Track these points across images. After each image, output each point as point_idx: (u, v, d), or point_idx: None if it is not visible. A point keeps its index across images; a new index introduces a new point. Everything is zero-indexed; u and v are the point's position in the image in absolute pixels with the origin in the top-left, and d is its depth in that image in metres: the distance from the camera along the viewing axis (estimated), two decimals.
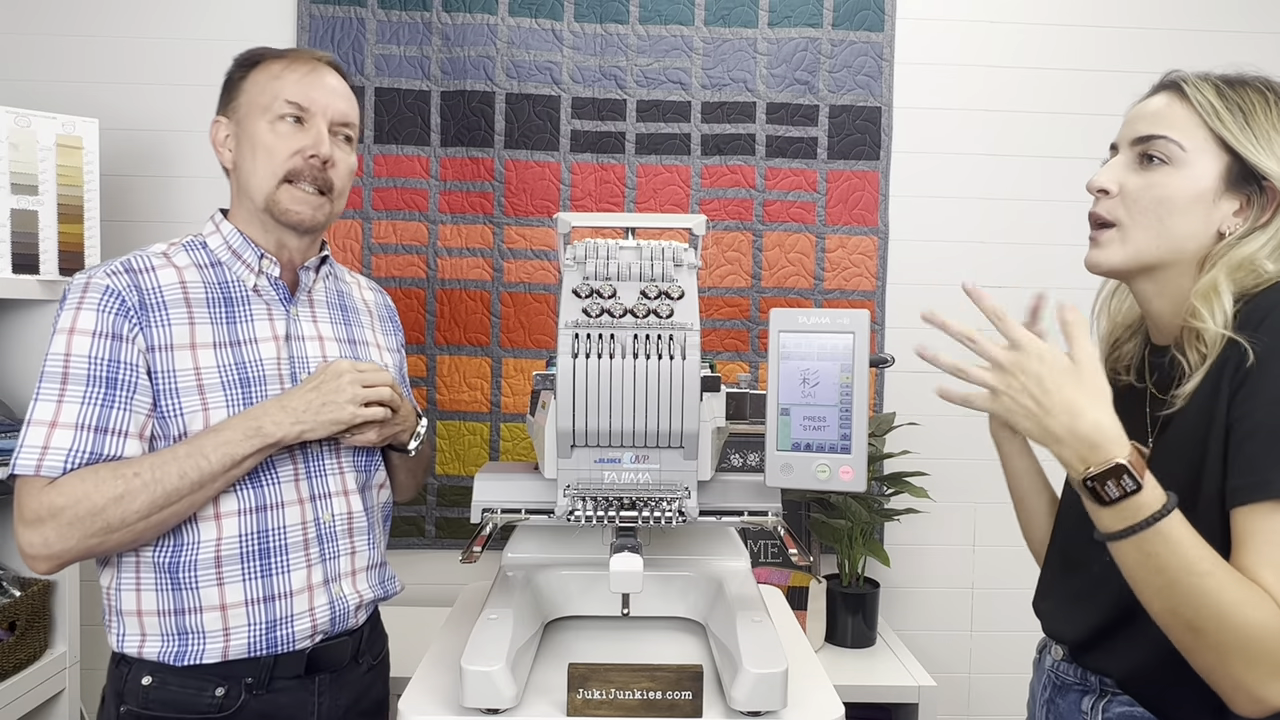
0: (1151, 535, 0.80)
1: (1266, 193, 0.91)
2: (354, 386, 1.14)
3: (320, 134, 1.20)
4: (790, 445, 1.04)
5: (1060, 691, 1.03)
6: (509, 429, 2.06)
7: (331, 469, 1.23)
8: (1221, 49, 2.09)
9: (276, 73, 1.21)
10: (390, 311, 1.45)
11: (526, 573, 1.24)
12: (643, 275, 1.10)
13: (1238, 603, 0.79)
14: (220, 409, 1.13)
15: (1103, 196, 0.97)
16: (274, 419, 1.10)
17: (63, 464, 1.06)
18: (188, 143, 2.01)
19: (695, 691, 0.96)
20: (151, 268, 1.17)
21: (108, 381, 1.09)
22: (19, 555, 1.72)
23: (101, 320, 1.10)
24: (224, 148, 1.24)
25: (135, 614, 1.15)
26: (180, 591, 1.13)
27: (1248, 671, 0.79)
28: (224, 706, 1.14)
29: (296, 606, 1.17)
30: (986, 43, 2.08)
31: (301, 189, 1.20)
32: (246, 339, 1.18)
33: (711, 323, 2.06)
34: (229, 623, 1.14)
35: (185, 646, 1.13)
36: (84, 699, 1.83)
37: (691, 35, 2.03)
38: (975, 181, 2.09)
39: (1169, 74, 0.98)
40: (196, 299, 1.17)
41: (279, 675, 1.17)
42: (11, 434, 1.60)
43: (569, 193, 2.04)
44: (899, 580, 2.12)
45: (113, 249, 1.95)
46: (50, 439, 1.06)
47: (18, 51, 1.99)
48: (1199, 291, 0.90)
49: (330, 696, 1.22)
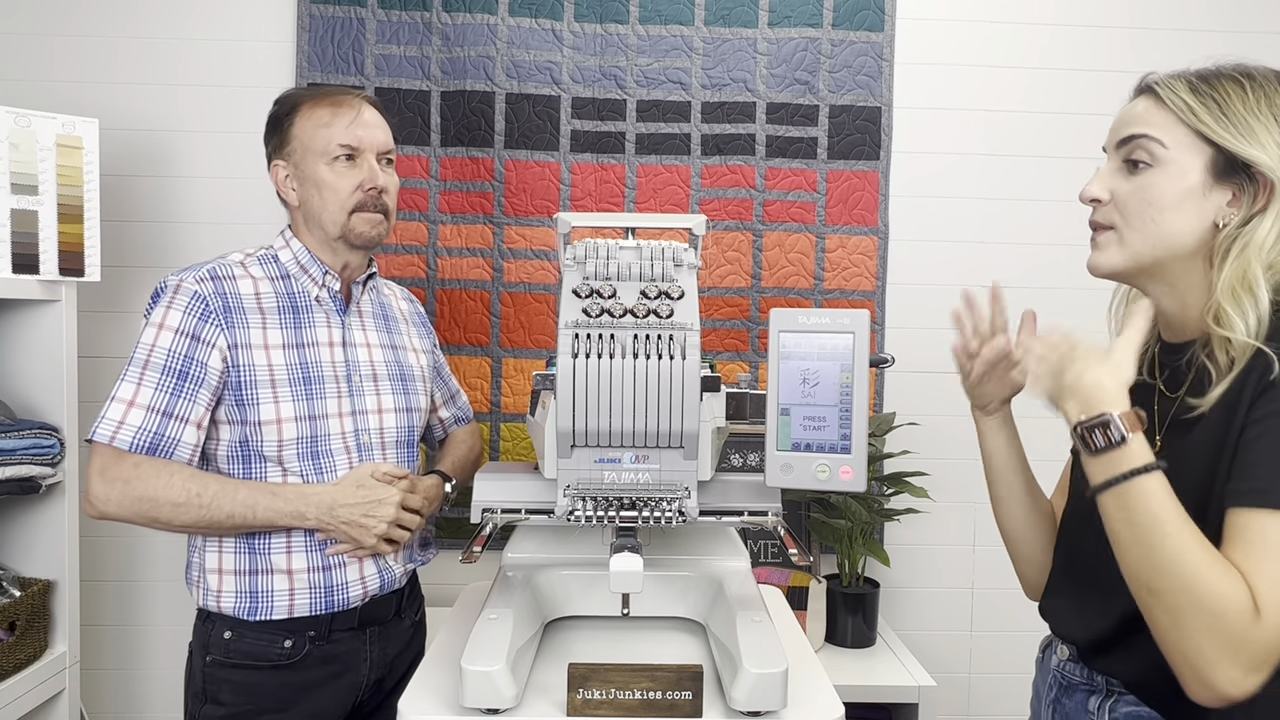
0: (1130, 489, 0.84)
1: (1257, 180, 0.90)
2: (396, 509, 1.34)
3: (373, 168, 1.39)
4: (790, 445, 1.04)
5: (1067, 691, 1.03)
6: (509, 429, 2.06)
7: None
8: (1222, 49, 2.07)
9: (325, 120, 1.37)
10: (422, 318, 1.63)
11: (526, 573, 1.24)
12: (643, 275, 1.10)
13: (1202, 564, 0.80)
14: (287, 402, 1.32)
15: (1096, 205, 0.99)
16: (318, 515, 1.30)
17: (132, 438, 1.25)
18: (188, 143, 2.02)
19: (695, 691, 0.96)
20: (233, 276, 1.35)
21: (179, 374, 1.28)
22: (20, 555, 1.73)
23: (185, 320, 1.29)
24: (287, 187, 1.42)
25: (216, 572, 1.34)
26: (254, 555, 1.33)
27: (1203, 643, 0.80)
28: (291, 655, 1.34)
29: (350, 575, 1.36)
30: (986, 43, 2.08)
31: (367, 215, 1.39)
32: (310, 342, 1.37)
33: (711, 323, 2.06)
34: (294, 584, 1.33)
35: (257, 603, 1.33)
36: (84, 699, 1.83)
37: (691, 35, 2.03)
38: (975, 181, 2.09)
39: (1144, 77, 0.99)
40: (269, 307, 1.36)
41: (336, 628, 1.37)
42: (12, 434, 1.60)
43: (569, 193, 2.04)
44: (899, 580, 2.12)
45: (113, 249, 1.95)
46: (127, 416, 1.26)
47: (18, 51, 1.99)
48: (1226, 289, 0.90)
49: (380, 646, 1.43)
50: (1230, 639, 0.79)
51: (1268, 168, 0.89)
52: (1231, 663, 0.79)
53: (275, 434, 1.32)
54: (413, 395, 1.48)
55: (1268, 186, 0.90)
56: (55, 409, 1.70)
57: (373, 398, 1.41)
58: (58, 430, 1.68)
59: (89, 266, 1.72)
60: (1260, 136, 0.90)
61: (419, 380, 1.51)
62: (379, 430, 1.41)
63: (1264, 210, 0.90)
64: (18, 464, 1.60)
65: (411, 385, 1.48)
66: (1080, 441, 0.88)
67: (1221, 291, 0.90)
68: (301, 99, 1.41)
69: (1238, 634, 0.78)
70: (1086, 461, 0.89)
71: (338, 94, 1.41)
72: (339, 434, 1.37)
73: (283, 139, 1.41)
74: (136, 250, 2.01)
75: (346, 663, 1.39)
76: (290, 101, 1.42)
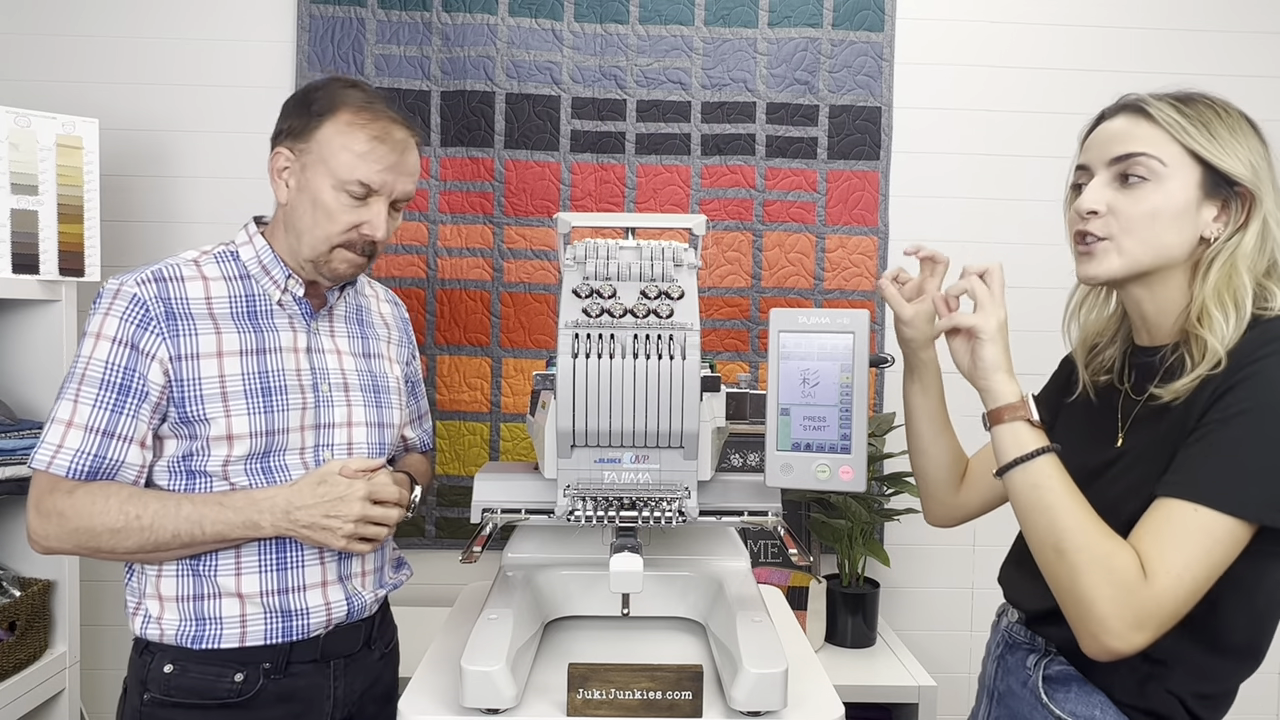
0: (1030, 468, 0.96)
1: (1240, 196, 0.98)
2: (362, 504, 1.17)
3: (379, 216, 1.22)
4: (790, 445, 1.04)
5: (1011, 649, 1.15)
6: (509, 429, 2.06)
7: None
8: (1222, 49, 2.09)
9: (359, 148, 1.19)
10: (405, 324, 1.48)
11: (526, 573, 1.24)
12: (643, 275, 1.10)
13: (1102, 533, 0.92)
14: (242, 415, 1.18)
15: (1091, 217, 1.03)
16: (273, 522, 1.15)
17: (70, 463, 1.13)
18: (188, 143, 2.02)
19: (695, 691, 0.96)
20: (181, 278, 1.20)
21: (120, 388, 1.14)
22: (19, 555, 1.73)
23: (123, 328, 1.15)
24: (281, 180, 1.24)
25: (157, 598, 1.20)
26: (198, 578, 1.19)
27: (1096, 596, 0.90)
28: (243, 691, 1.18)
29: (311, 600, 1.22)
30: (986, 43, 2.08)
31: (351, 255, 1.24)
32: (271, 348, 1.23)
33: (711, 323, 2.06)
34: (246, 610, 1.19)
35: (203, 630, 1.18)
36: (84, 699, 1.83)
37: (691, 35, 2.03)
38: (975, 181, 2.09)
39: (1124, 97, 1.05)
40: (221, 313, 1.21)
41: (295, 660, 1.21)
42: (12, 434, 1.61)
43: (569, 193, 2.04)
44: (899, 580, 2.12)
45: (113, 249, 1.95)
46: (65, 438, 1.14)
47: (18, 51, 1.99)
48: (1213, 293, 0.97)
49: (345, 681, 1.27)
50: (1119, 595, 0.89)
51: (1250, 182, 0.97)
52: (1119, 618, 0.89)
53: (224, 449, 1.17)
54: (386, 409, 1.33)
55: (1249, 201, 0.98)
56: None
57: (342, 409, 1.26)
58: None
59: (89, 266, 1.72)
60: (1240, 154, 0.98)
61: (394, 393, 1.36)
62: (346, 445, 1.26)
63: (1246, 225, 0.98)
64: (18, 464, 1.60)
65: (385, 398, 1.33)
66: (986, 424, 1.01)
67: (1210, 295, 0.97)
68: (344, 105, 1.21)
69: (1125, 590, 0.89)
70: (995, 443, 1.00)
71: (387, 123, 1.22)
72: (297, 449, 1.22)
73: (303, 132, 1.22)
74: (136, 250, 2.01)
75: (307, 701, 1.23)
76: (331, 99, 1.22)
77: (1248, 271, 0.96)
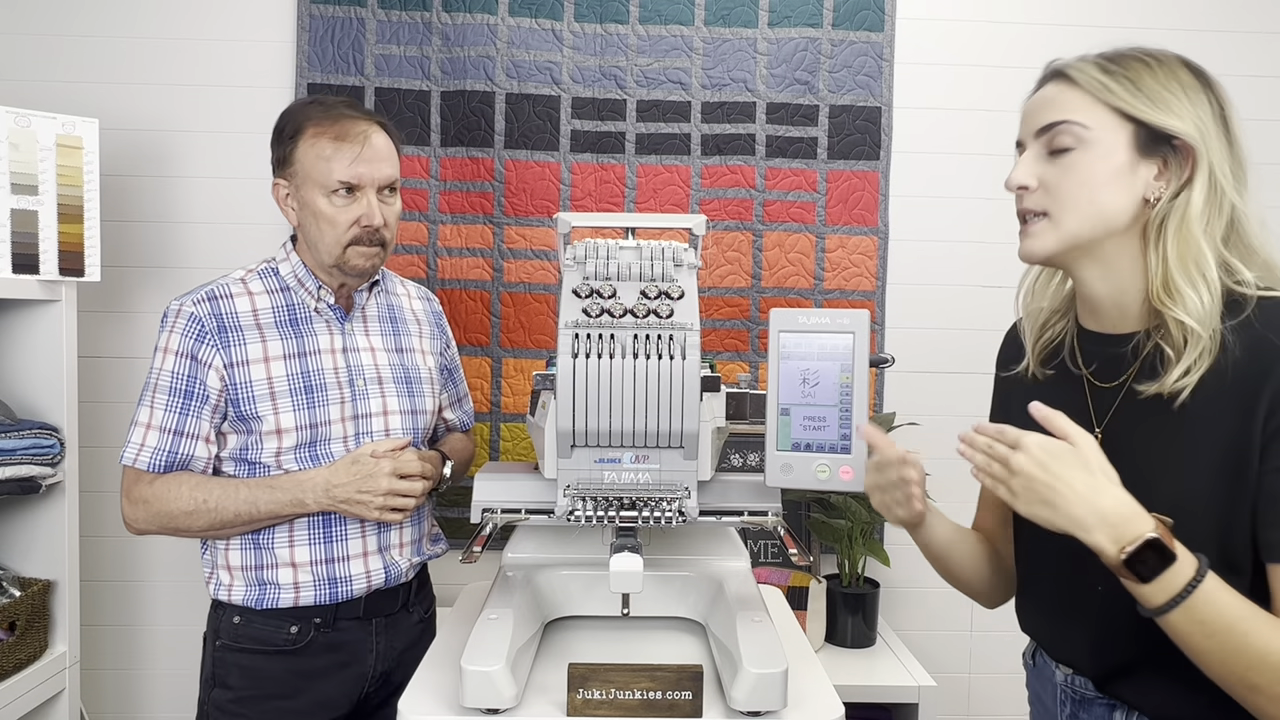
0: (1196, 601, 0.80)
1: (1180, 150, 0.91)
2: (389, 479, 1.33)
3: (371, 205, 1.37)
4: (790, 445, 1.04)
5: (1083, 705, 1.00)
6: (509, 429, 2.06)
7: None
8: (1222, 49, 2.09)
9: (327, 153, 1.34)
10: (438, 318, 1.62)
11: (526, 573, 1.24)
12: (643, 275, 1.10)
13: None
14: (288, 412, 1.35)
15: (1024, 193, 0.99)
16: (315, 497, 1.33)
17: (150, 459, 1.34)
18: (188, 143, 2.02)
19: (695, 691, 0.96)
20: (230, 294, 1.39)
21: (184, 394, 1.35)
22: (20, 555, 1.73)
23: (183, 343, 1.35)
24: (287, 206, 1.42)
25: (226, 568, 1.39)
26: (259, 550, 1.38)
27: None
28: (297, 641, 1.38)
29: (354, 568, 1.39)
30: (986, 43, 2.08)
31: (363, 249, 1.38)
32: (311, 351, 1.39)
33: (711, 323, 2.06)
34: (299, 577, 1.37)
35: (264, 593, 1.37)
36: (84, 699, 1.83)
37: (691, 35, 2.03)
38: (975, 181, 2.09)
39: (1050, 64, 0.99)
40: (266, 322, 1.39)
41: (341, 617, 1.40)
42: (12, 434, 1.60)
43: (569, 193, 2.04)
44: (899, 580, 2.11)
45: (113, 249, 1.95)
46: (145, 438, 1.35)
47: (18, 51, 1.98)
48: (1177, 264, 0.89)
49: (386, 638, 1.44)
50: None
51: (1189, 136, 0.90)
52: None
53: (275, 442, 1.35)
54: (419, 398, 1.48)
55: (1190, 156, 0.91)
56: (55, 409, 1.70)
57: (377, 400, 1.42)
58: (58, 430, 1.68)
59: (89, 266, 1.72)
60: (1175, 108, 0.90)
61: (426, 383, 1.50)
62: (383, 433, 1.42)
63: (1190, 181, 0.90)
64: (18, 464, 1.60)
65: (418, 388, 1.48)
66: (1131, 573, 0.82)
67: (1174, 266, 0.89)
68: (307, 121, 1.37)
69: None
70: (1136, 588, 0.83)
71: (345, 122, 1.36)
72: (340, 438, 1.38)
73: (285, 159, 1.38)
74: (136, 250, 2.01)
75: (352, 652, 1.41)
76: (296, 122, 1.38)
77: (1205, 236, 0.89)
